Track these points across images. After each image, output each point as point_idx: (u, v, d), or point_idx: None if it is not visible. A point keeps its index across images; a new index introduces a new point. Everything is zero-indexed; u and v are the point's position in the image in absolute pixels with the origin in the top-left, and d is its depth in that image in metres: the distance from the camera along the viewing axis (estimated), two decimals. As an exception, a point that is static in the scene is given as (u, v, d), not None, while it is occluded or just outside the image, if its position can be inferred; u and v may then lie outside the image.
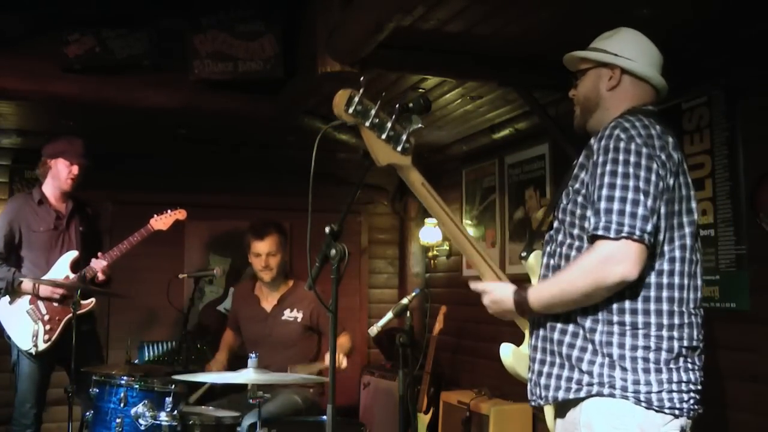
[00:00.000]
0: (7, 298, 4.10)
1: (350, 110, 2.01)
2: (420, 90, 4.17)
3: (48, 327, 4.07)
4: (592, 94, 2.19)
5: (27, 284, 4.06)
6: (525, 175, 4.89)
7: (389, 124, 2.05)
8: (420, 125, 2.08)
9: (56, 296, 4.09)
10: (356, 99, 2.01)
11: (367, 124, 2.03)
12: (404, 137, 2.07)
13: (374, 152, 2.07)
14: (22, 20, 3.94)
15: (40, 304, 4.10)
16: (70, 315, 3.90)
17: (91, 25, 3.97)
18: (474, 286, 2.21)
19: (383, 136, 2.05)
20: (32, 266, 4.15)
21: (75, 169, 4.19)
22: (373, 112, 2.03)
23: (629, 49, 2.15)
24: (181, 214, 4.49)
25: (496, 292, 2.14)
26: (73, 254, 4.20)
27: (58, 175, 4.21)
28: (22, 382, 4.07)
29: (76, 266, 4.18)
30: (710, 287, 3.39)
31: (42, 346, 4.04)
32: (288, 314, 4.26)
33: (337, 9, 3.39)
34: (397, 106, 2.08)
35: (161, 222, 4.42)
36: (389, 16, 2.95)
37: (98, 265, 4.18)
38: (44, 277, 4.10)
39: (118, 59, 4.01)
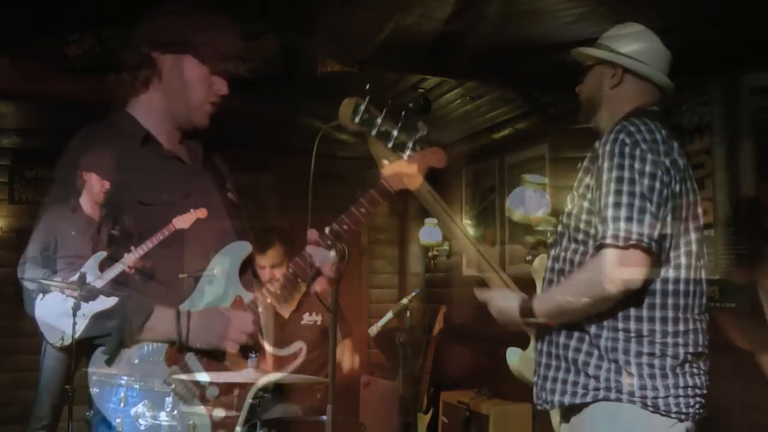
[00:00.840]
0: (41, 295, 4.24)
1: (357, 119, 1.99)
2: (420, 90, 4.17)
3: (76, 320, 4.21)
4: (595, 92, 2.18)
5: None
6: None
7: (395, 132, 2.02)
8: (425, 132, 2.04)
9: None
10: (362, 107, 1.99)
11: (374, 133, 2.01)
12: (410, 145, 2.04)
13: (381, 161, 2.05)
14: (22, 20, 3.94)
15: (69, 298, 4.23)
16: (98, 308, 4.06)
17: (91, 25, 3.97)
18: (480, 295, 2.19)
19: (390, 145, 2.03)
20: (66, 267, 4.30)
21: (107, 184, 4.30)
22: (379, 120, 2.01)
23: (634, 48, 2.13)
24: (202, 213, 4.56)
25: (502, 302, 2.13)
26: (101, 255, 4.29)
27: (92, 189, 4.36)
28: (45, 377, 4.17)
29: (104, 266, 4.29)
30: (710, 287, 3.36)
31: (68, 339, 4.17)
32: (308, 318, 4.26)
33: (337, 9, 3.39)
34: (402, 113, 2.05)
35: (182, 221, 4.50)
36: (389, 16, 2.95)
37: (129, 259, 4.28)
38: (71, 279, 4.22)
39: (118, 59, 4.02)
